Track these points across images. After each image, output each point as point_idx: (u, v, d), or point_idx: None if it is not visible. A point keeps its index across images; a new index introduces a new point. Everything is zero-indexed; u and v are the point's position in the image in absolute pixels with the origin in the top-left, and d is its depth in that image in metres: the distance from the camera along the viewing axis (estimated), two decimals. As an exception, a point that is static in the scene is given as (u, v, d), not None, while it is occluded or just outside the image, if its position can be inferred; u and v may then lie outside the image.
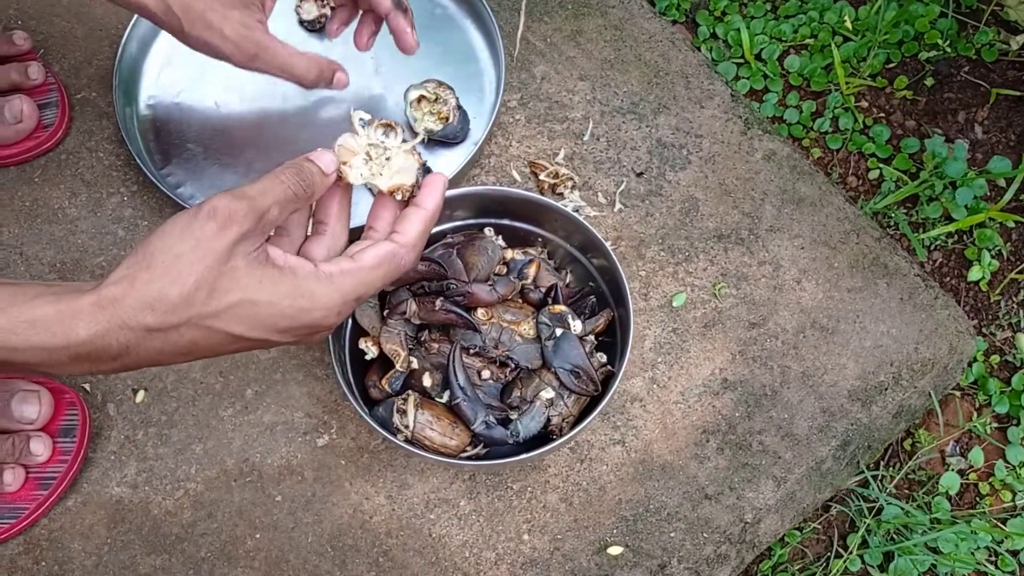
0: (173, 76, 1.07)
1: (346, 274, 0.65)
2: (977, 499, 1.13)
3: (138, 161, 0.98)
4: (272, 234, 0.67)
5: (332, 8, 1.09)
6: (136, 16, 1.05)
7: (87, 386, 0.95)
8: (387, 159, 0.71)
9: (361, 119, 0.71)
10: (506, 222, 0.93)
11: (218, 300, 0.60)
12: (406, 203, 0.71)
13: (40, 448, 0.89)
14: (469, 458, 0.84)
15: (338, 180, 0.70)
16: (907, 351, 0.97)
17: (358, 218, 0.75)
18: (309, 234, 0.70)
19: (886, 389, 0.96)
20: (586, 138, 1.06)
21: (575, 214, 0.89)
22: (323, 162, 0.67)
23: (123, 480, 0.92)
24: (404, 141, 0.72)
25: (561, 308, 0.86)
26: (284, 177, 0.64)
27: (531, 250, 0.92)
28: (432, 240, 0.91)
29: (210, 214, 0.60)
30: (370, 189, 1.00)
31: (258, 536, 0.90)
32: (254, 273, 0.61)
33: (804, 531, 1.09)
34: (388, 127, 0.72)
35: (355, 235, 0.72)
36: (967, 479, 1.14)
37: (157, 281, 0.59)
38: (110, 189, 1.03)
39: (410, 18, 0.92)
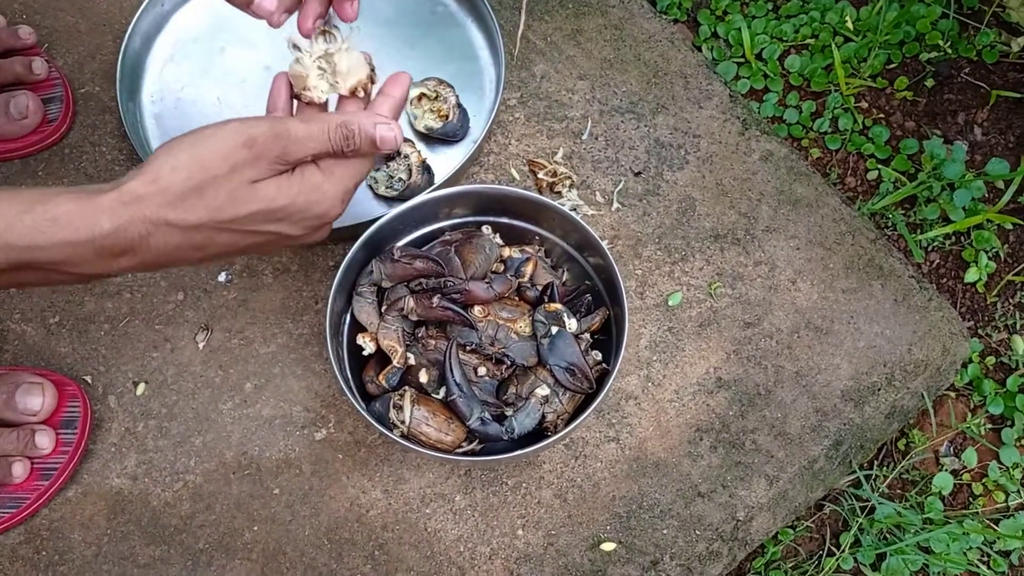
0: (176, 72, 1.08)
1: (341, 164, 0.72)
2: (970, 499, 1.14)
3: (140, 155, 0.99)
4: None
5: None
6: (140, 11, 1.06)
7: (88, 378, 0.96)
8: (335, 64, 0.76)
9: (295, 44, 0.76)
10: (504, 220, 0.93)
11: (238, 208, 0.66)
12: (368, 99, 0.78)
13: (45, 442, 0.90)
14: (464, 454, 0.85)
15: (309, 104, 0.76)
16: (900, 352, 0.98)
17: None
18: None
19: (879, 390, 0.96)
20: (585, 137, 1.07)
21: (572, 213, 0.90)
22: (381, 135, 0.72)
23: (123, 472, 0.93)
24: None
25: (557, 306, 0.86)
26: (333, 134, 0.70)
27: (528, 248, 0.93)
28: (430, 237, 0.92)
29: (248, 143, 0.65)
30: None
31: (256, 528, 0.91)
32: (271, 183, 0.67)
33: (797, 529, 1.10)
34: (325, 33, 0.77)
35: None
36: (960, 479, 1.15)
37: (179, 183, 0.63)
38: (113, 183, 1.04)
39: None
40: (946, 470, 1.14)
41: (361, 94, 0.77)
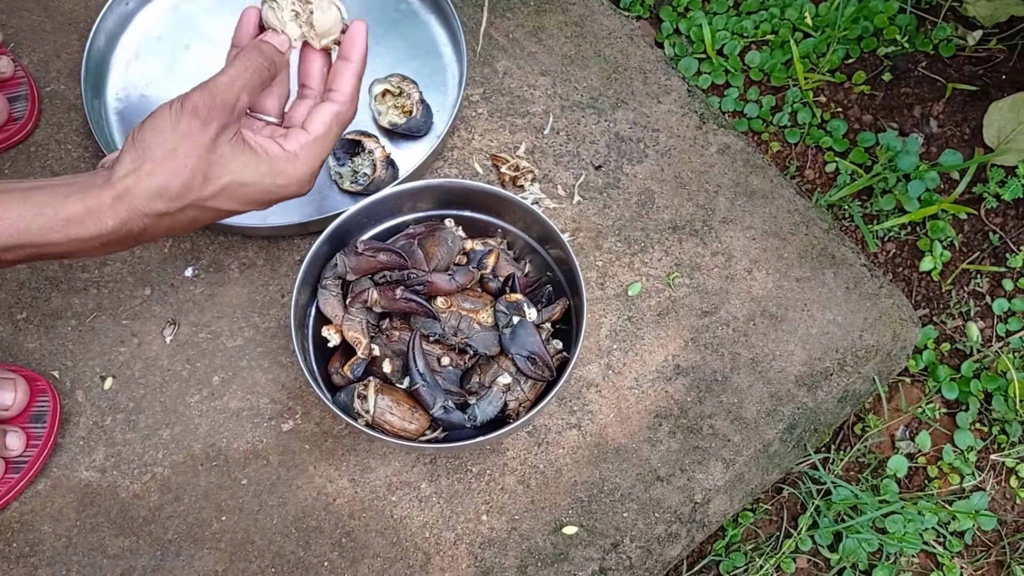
0: (141, 69, 1.09)
1: (306, 147, 0.77)
2: (925, 482, 1.17)
3: (105, 153, 1.00)
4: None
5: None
6: (104, 10, 1.07)
7: (56, 373, 0.97)
8: (310, 13, 0.79)
9: None
10: (467, 213, 0.95)
11: (212, 184, 0.73)
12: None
13: (16, 443, 0.91)
14: (428, 441, 0.87)
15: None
16: (852, 338, 1.01)
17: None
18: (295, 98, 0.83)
19: (831, 374, 0.99)
20: (546, 132, 1.09)
21: (533, 207, 0.92)
22: (277, 41, 0.79)
23: (92, 465, 0.94)
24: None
25: (518, 296, 0.88)
26: (249, 62, 0.76)
27: (491, 241, 0.95)
28: (394, 231, 0.94)
29: (193, 112, 0.71)
30: None
31: (224, 518, 0.93)
32: (238, 157, 0.73)
33: (756, 512, 1.13)
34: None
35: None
36: (916, 463, 1.18)
37: (159, 173, 0.70)
38: (79, 180, 1.05)
39: None
40: (901, 453, 1.17)
41: (333, 51, 0.81)
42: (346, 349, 0.89)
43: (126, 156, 0.71)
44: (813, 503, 1.11)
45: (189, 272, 1.01)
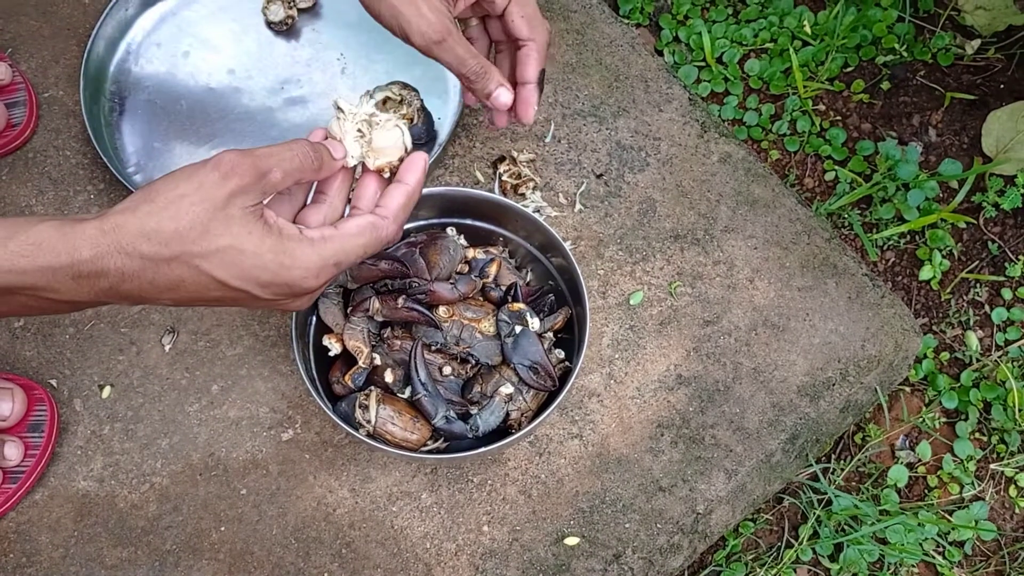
0: (140, 76, 1.09)
1: (327, 240, 0.69)
2: (925, 492, 1.17)
3: (104, 159, 1.00)
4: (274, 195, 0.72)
5: (299, 10, 1.11)
6: (104, 16, 1.06)
7: (54, 382, 0.96)
8: (372, 133, 0.75)
9: (339, 106, 0.75)
10: (468, 222, 0.95)
11: (208, 242, 0.64)
12: (390, 181, 0.76)
13: (13, 452, 0.90)
14: (430, 452, 0.87)
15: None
16: (854, 348, 1.00)
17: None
18: (309, 202, 0.74)
19: (833, 385, 0.99)
20: (548, 140, 1.08)
21: (535, 215, 0.91)
22: (335, 149, 0.73)
23: (90, 474, 0.93)
24: (394, 112, 0.78)
25: (520, 306, 0.88)
26: (295, 147, 0.69)
27: (492, 249, 0.95)
28: (395, 239, 0.93)
29: (215, 165, 0.65)
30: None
31: (223, 529, 0.92)
32: (246, 224, 0.65)
33: (757, 522, 1.13)
34: (385, 100, 0.78)
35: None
36: (916, 472, 1.18)
37: (156, 214, 0.63)
38: (77, 187, 1.04)
39: (539, 93, 0.88)
40: (901, 463, 1.17)
41: (386, 175, 0.76)
42: (347, 358, 0.89)
43: (130, 197, 0.66)
44: (814, 513, 1.11)
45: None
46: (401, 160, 0.76)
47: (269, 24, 1.11)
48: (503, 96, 0.83)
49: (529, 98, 0.87)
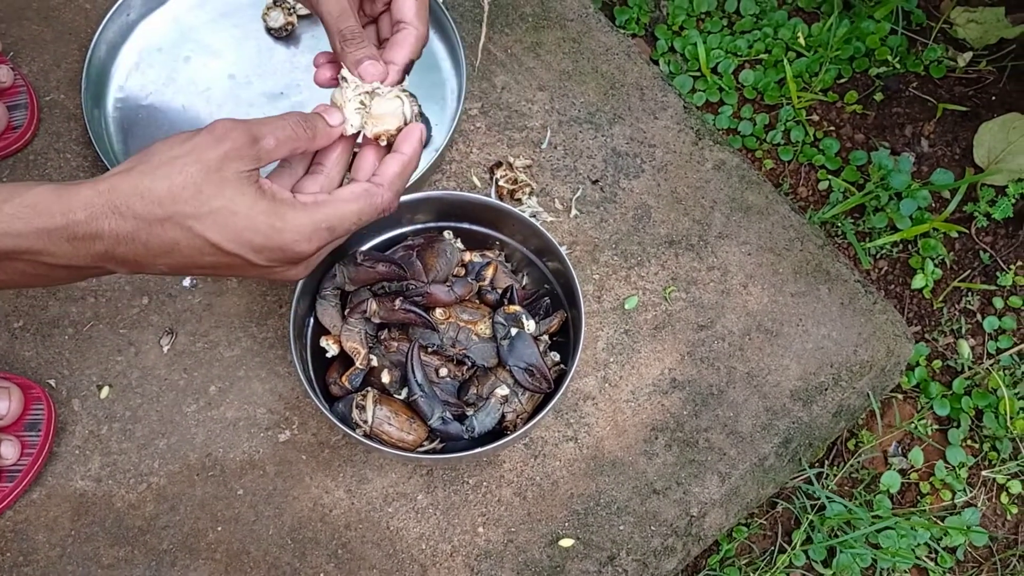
0: (141, 80, 1.10)
1: (320, 204, 0.70)
2: (918, 498, 1.18)
3: (105, 162, 1.01)
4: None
5: (299, 16, 1.12)
6: (106, 20, 1.07)
7: (52, 382, 0.97)
8: (372, 103, 0.75)
9: (343, 76, 0.75)
10: (465, 226, 0.96)
11: (201, 202, 0.65)
12: (388, 150, 0.76)
13: (10, 451, 0.91)
14: (426, 452, 0.87)
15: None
16: (846, 353, 1.01)
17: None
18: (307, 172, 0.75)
19: (826, 389, 1.00)
20: (544, 146, 1.10)
21: (531, 219, 0.92)
22: (330, 116, 0.74)
23: (87, 474, 0.94)
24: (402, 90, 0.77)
25: (516, 308, 0.89)
26: (288, 117, 0.70)
27: (489, 253, 0.95)
28: (393, 242, 0.94)
29: (209, 129, 0.66)
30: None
31: (220, 529, 0.92)
32: (239, 187, 0.66)
33: (751, 527, 1.13)
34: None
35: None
36: (908, 479, 1.19)
37: (150, 174, 0.64)
38: (78, 190, 1.05)
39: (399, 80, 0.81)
40: (894, 469, 1.18)
41: (383, 143, 0.76)
42: (344, 360, 0.90)
43: (125, 160, 0.66)
44: (807, 518, 1.12)
45: (187, 282, 1.01)
46: (399, 131, 0.76)
47: (269, 30, 1.12)
48: (372, 68, 0.76)
49: (390, 76, 0.79)
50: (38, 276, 0.67)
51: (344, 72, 0.75)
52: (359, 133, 0.76)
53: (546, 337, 0.92)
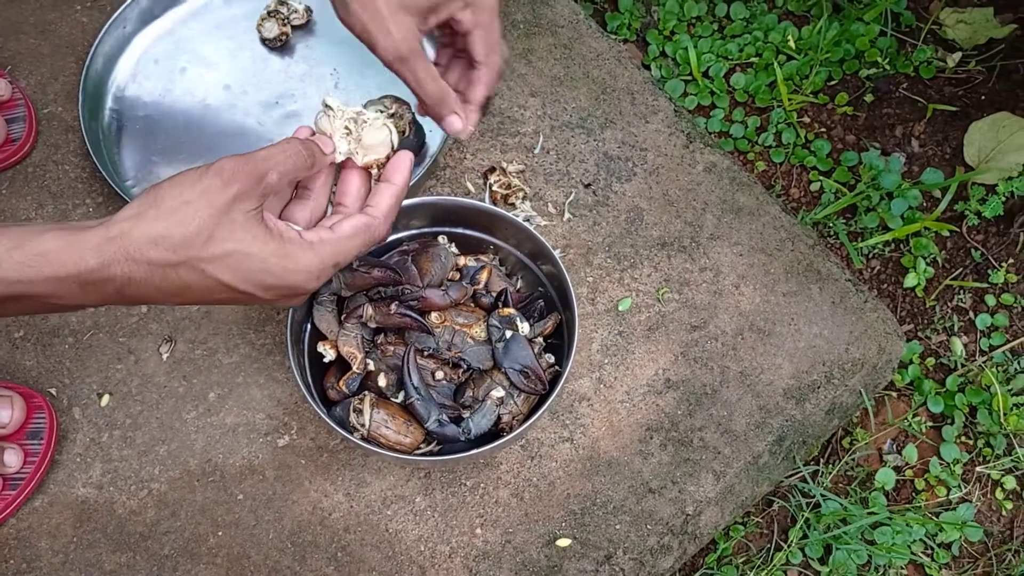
0: (137, 91, 1.11)
1: (325, 243, 0.72)
2: (913, 495, 1.19)
3: (103, 173, 1.02)
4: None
5: (293, 27, 1.14)
6: (102, 33, 1.08)
7: (53, 391, 0.98)
8: (361, 133, 0.78)
9: (327, 104, 0.78)
10: (459, 230, 0.97)
11: (215, 247, 0.66)
12: (377, 178, 0.79)
13: (13, 460, 0.92)
14: (423, 455, 0.88)
15: None
16: (838, 351, 1.02)
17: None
18: (293, 198, 0.77)
19: (819, 387, 1.01)
20: (537, 151, 1.11)
21: (525, 223, 0.93)
22: (324, 144, 0.76)
23: (89, 481, 0.95)
24: (380, 111, 0.80)
25: (510, 311, 0.90)
26: (288, 148, 0.72)
27: (483, 257, 0.96)
28: (387, 247, 0.95)
29: (217, 171, 0.67)
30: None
31: (220, 533, 0.93)
32: (249, 229, 0.68)
33: (747, 526, 1.14)
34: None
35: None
36: (903, 476, 1.19)
37: (163, 220, 0.65)
38: (76, 201, 1.06)
39: (480, 115, 0.91)
40: (889, 466, 1.19)
41: (374, 172, 0.79)
42: (341, 365, 0.90)
43: (133, 203, 0.67)
44: (803, 516, 1.13)
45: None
46: (388, 158, 0.79)
47: (264, 41, 1.13)
48: (455, 124, 0.87)
49: (469, 117, 0.89)
50: (45, 310, 0.69)
51: (329, 100, 0.78)
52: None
53: (540, 339, 0.93)
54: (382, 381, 0.88)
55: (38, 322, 1.01)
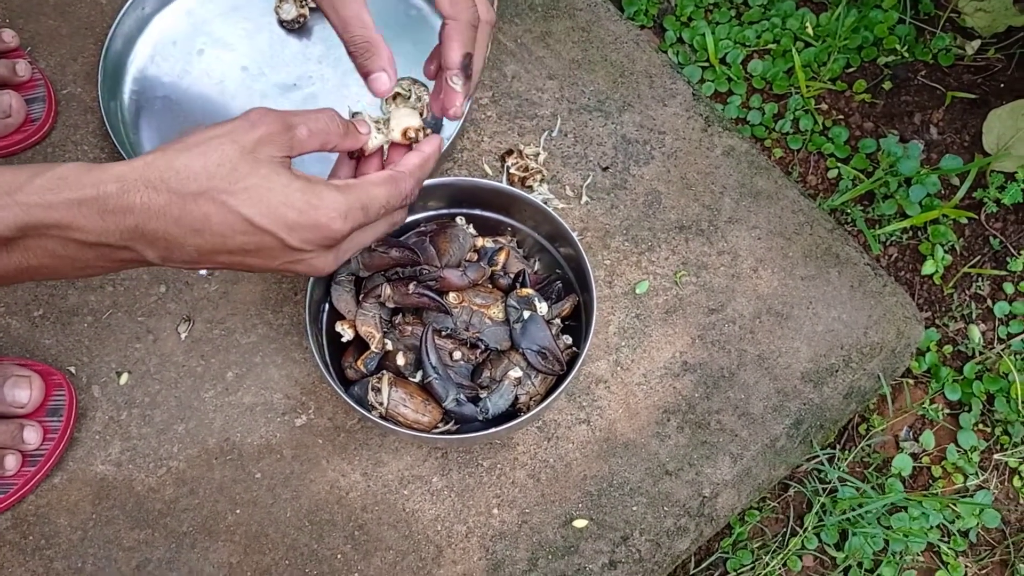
0: (156, 72, 1.11)
1: (352, 186, 0.71)
2: (930, 481, 1.18)
3: (122, 153, 1.02)
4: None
5: (311, 9, 1.14)
6: (121, 14, 1.09)
7: (72, 369, 0.98)
8: (392, 114, 0.80)
9: (354, 113, 0.81)
10: (477, 212, 0.97)
11: (236, 179, 0.66)
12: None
13: (33, 437, 0.92)
14: (441, 434, 0.88)
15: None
16: (856, 335, 1.02)
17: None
18: None
19: (837, 371, 1.01)
20: (554, 134, 1.11)
21: (544, 205, 0.93)
22: (360, 124, 0.77)
23: (107, 458, 0.95)
24: (407, 98, 0.84)
25: (528, 291, 0.90)
26: (323, 111, 0.73)
27: (501, 239, 0.97)
28: (406, 228, 0.95)
29: (244, 115, 0.68)
30: None
31: (238, 512, 0.94)
32: (273, 168, 0.67)
33: (763, 510, 1.14)
34: (397, 96, 0.85)
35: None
36: (920, 462, 1.19)
37: (186, 152, 0.66)
38: (95, 181, 1.07)
39: (468, 88, 0.83)
40: (906, 453, 1.18)
41: (411, 137, 0.80)
42: (359, 344, 0.91)
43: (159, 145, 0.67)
44: (819, 501, 1.12)
45: (203, 271, 1.03)
46: (421, 129, 0.81)
47: (281, 22, 1.13)
48: (381, 82, 0.78)
49: (450, 87, 0.80)
50: (66, 259, 0.67)
51: (355, 110, 0.80)
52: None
53: (558, 320, 0.93)
54: (400, 361, 0.89)
55: (57, 301, 1.01)
